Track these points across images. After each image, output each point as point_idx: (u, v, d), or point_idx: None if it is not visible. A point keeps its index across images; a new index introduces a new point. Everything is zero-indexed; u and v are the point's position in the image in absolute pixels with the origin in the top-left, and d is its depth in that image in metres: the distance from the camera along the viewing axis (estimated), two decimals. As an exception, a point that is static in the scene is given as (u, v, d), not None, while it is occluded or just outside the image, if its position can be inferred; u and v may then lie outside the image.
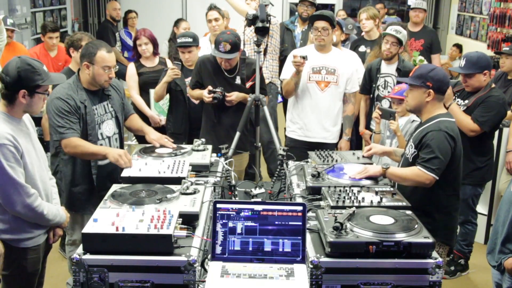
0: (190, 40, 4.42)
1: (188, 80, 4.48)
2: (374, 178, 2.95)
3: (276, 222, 2.36)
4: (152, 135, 3.52)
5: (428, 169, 2.82)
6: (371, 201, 2.64)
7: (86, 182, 3.35)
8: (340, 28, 5.04)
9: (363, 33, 5.94)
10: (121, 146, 3.54)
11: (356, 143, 5.20)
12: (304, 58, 4.04)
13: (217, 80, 4.11)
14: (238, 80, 4.14)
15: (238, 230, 2.36)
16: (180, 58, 4.55)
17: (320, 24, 4.21)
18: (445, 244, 3.05)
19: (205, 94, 4.03)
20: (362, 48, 5.62)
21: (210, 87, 4.03)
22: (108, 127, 3.41)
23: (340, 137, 4.56)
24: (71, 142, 3.15)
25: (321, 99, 4.33)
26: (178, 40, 4.47)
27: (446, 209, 3.00)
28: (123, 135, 3.59)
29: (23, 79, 2.59)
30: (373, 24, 5.65)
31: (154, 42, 4.89)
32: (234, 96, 4.08)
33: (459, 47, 7.95)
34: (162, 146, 3.45)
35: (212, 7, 5.18)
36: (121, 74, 6.48)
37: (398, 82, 4.27)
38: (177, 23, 6.57)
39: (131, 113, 3.66)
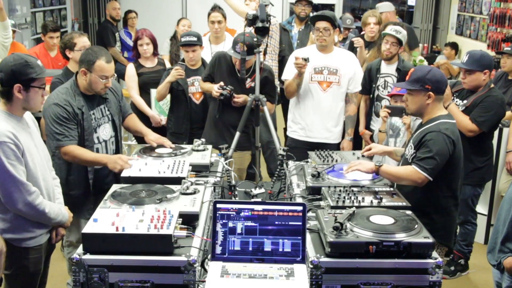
0: (195, 39, 4.42)
1: (190, 80, 4.50)
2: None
3: (276, 222, 2.36)
4: (151, 136, 3.52)
5: (422, 168, 2.82)
6: (371, 201, 2.64)
7: (82, 187, 3.35)
8: (338, 28, 5.03)
9: (362, 32, 5.93)
10: (117, 149, 3.53)
11: (356, 143, 5.19)
12: (306, 60, 4.03)
13: (228, 79, 4.14)
14: (250, 83, 4.15)
15: (238, 230, 2.36)
16: (184, 57, 4.56)
17: (321, 24, 4.21)
18: (443, 245, 3.04)
19: (215, 88, 4.09)
20: (358, 41, 5.57)
21: (222, 83, 4.08)
22: (105, 131, 3.40)
23: (342, 137, 4.56)
24: (70, 151, 3.16)
25: (323, 100, 4.32)
26: (182, 39, 4.47)
27: (444, 210, 2.99)
28: (119, 137, 3.58)
29: (16, 73, 2.59)
30: (378, 29, 5.62)
31: (155, 43, 4.91)
32: (242, 99, 4.11)
33: (453, 46, 7.92)
34: (160, 146, 3.45)
35: (215, 8, 5.15)
36: (120, 74, 6.49)
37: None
38: (179, 21, 6.64)
39: (129, 113, 3.66)
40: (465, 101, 3.95)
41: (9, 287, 2.77)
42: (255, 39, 3.92)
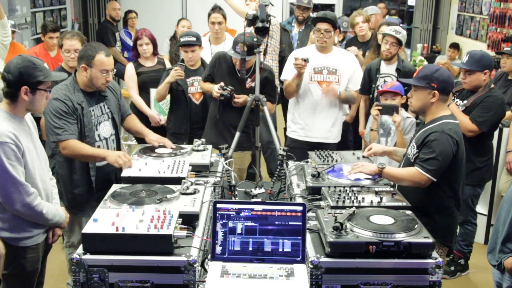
0: (194, 39, 4.42)
1: (189, 80, 4.49)
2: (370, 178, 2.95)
3: (276, 222, 2.36)
4: (152, 135, 3.52)
5: (425, 169, 2.81)
6: (371, 201, 2.64)
7: (85, 184, 3.35)
8: (338, 29, 5.04)
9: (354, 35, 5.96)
10: (118, 147, 3.54)
11: (355, 143, 5.20)
12: (306, 60, 4.03)
13: (228, 80, 4.15)
14: (250, 84, 4.15)
15: (238, 230, 2.36)
16: (183, 57, 4.56)
17: (322, 26, 4.20)
18: (444, 246, 3.04)
19: (215, 89, 4.10)
20: (353, 49, 5.60)
21: (222, 83, 4.09)
22: (105, 128, 3.41)
23: (342, 137, 4.55)
24: (69, 145, 3.15)
25: (322, 99, 4.33)
26: (182, 39, 4.48)
27: (446, 210, 2.99)
28: (119, 136, 3.58)
29: (24, 75, 2.61)
30: (368, 27, 5.69)
31: (154, 43, 4.91)
32: (242, 99, 4.12)
33: (456, 46, 7.92)
34: (161, 146, 3.44)
35: (216, 9, 5.13)
36: (120, 74, 6.50)
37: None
38: (179, 22, 6.65)
39: (128, 113, 3.65)
40: (465, 101, 3.95)
41: (7, 287, 2.78)
42: (255, 39, 3.92)
